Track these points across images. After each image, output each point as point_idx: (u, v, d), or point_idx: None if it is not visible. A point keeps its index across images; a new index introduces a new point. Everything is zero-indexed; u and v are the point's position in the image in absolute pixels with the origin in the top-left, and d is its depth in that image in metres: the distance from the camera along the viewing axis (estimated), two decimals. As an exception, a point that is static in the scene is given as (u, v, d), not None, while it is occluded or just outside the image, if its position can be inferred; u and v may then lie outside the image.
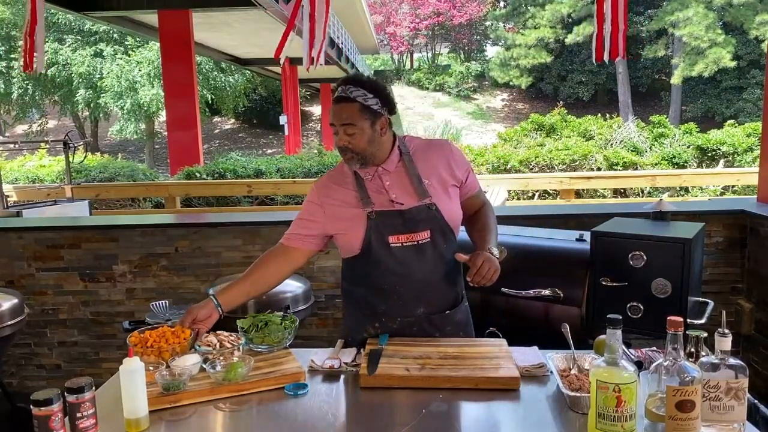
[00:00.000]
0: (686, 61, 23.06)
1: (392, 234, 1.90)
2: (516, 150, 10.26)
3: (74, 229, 3.60)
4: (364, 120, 1.86)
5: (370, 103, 1.86)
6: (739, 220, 3.43)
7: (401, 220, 1.90)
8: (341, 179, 1.98)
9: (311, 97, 31.41)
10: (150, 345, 1.74)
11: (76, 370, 3.62)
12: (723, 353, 1.35)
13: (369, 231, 1.90)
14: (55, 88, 21.99)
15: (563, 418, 1.50)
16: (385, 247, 1.90)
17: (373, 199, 1.92)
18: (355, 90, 1.85)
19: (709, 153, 9.73)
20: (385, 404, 1.62)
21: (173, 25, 10.18)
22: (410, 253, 1.91)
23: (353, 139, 1.86)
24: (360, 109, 1.85)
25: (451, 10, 31.90)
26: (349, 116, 1.85)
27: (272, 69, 20.48)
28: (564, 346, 1.76)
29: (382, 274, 1.93)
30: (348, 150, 1.87)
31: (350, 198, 1.94)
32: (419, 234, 1.91)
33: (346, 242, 1.96)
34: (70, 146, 6.44)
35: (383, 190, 1.92)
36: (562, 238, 2.74)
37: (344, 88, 1.86)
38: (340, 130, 1.87)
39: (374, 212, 1.90)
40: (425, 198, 1.91)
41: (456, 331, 2.01)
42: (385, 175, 1.94)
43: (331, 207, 1.96)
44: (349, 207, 1.93)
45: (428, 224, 1.91)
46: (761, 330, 3.30)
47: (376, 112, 1.87)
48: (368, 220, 1.90)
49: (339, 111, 1.86)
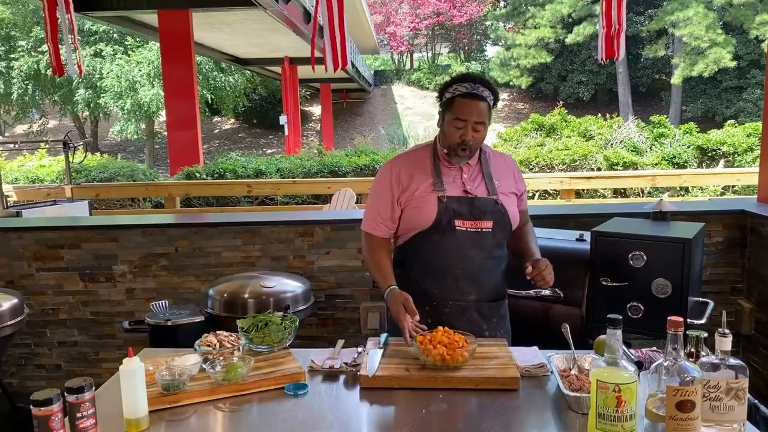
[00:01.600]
0: (686, 61, 23.05)
1: (459, 218, 2.04)
2: (516, 150, 10.27)
3: (74, 229, 3.60)
4: (488, 120, 2.04)
5: (491, 105, 2.04)
6: (739, 220, 3.43)
7: (469, 208, 2.05)
8: (418, 163, 2.12)
9: (311, 97, 31.39)
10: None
11: (76, 370, 3.61)
12: (723, 353, 1.35)
13: (440, 212, 2.03)
14: (54, 88, 21.96)
15: (563, 418, 1.50)
16: (451, 229, 2.04)
17: (446, 186, 2.06)
18: (485, 90, 2.01)
19: (709, 153, 9.73)
20: (385, 404, 1.62)
21: (173, 25, 10.17)
22: (472, 238, 2.05)
23: (478, 135, 2.02)
24: (488, 109, 2.03)
25: (451, 10, 31.88)
26: (482, 115, 2.00)
27: (272, 69, 20.44)
28: (564, 346, 1.77)
29: (442, 254, 2.05)
30: (469, 145, 2.01)
31: (427, 180, 2.08)
32: (483, 222, 2.06)
33: (417, 216, 2.07)
34: (70, 146, 6.44)
35: (459, 180, 2.08)
36: (562, 238, 2.75)
37: (475, 86, 2.00)
38: (470, 126, 1.99)
39: (446, 197, 2.04)
40: (494, 194, 2.08)
41: (499, 325, 2.13)
42: (466, 167, 2.10)
43: (408, 182, 2.08)
44: (424, 187, 2.07)
45: (492, 216, 2.07)
46: (761, 330, 3.30)
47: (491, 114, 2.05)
48: (439, 203, 2.03)
49: (474, 108, 1.99)
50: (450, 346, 1.72)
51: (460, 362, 1.70)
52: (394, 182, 2.10)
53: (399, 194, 2.09)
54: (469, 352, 1.73)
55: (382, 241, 2.15)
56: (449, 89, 2.04)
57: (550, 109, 14.11)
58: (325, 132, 26.06)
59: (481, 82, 2.02)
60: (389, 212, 2.11)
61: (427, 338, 1.77)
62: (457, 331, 1.82)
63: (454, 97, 2.01)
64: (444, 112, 2.07)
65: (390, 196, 2.10)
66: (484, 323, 2.09)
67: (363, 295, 3.47)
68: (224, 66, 21.48)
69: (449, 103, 2.03)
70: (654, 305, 2.39)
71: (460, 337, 1.79)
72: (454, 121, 2.00)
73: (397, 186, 2.09)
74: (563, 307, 2.47)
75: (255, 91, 27.61)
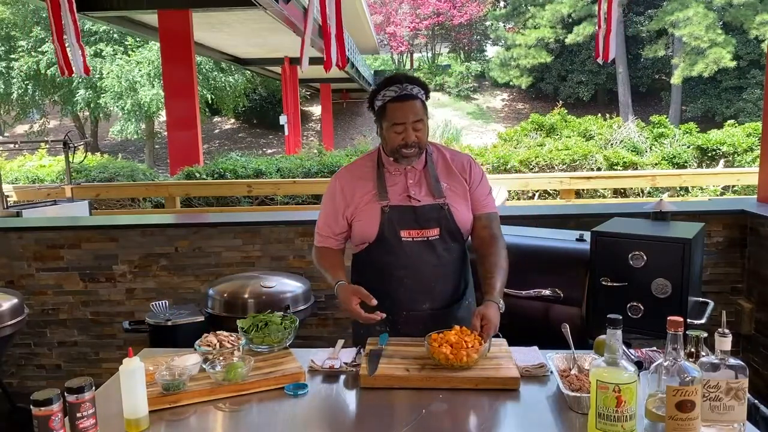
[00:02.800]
0: (686, 61, 23.04)
1: (404, 228, 2.01)
2: (516, 150, 10.25)
3: (74, 229, 3.60)
4: (425, 116, 1.99)
5: (424, 100, 1.99)
6: (739, 220, 3.43)
7: (414, 216, 2.01)
8: (361, 174, 2.09)
9: (311, 97, 31.38)
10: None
11: (76, 370, 3.62)
12: (723, 353, 1.35)
13: (383, 223, 2.01)
14: (55, 88, 21.96)
15: (563, 418, 1.50)
16: (397, 240, 2.01)
17: (390, 194, 2.03)
18: (414, 87, 1.97)
19: (709, 153, 9.72)
20: (385, 404, 1.62)
21: (173, 25, 10.17)
22: (420, 247, 2.02)
23: (420, 133, 1.97)
24: (422, 106, 1.98)
25: (451, 10, 31.87)
26: (417, 113, 1.96)
27: (272, 69, 20.44)
28: (564, 346, 1.77)
29: (392, 266, 2.02)
30: (416, 145, 1.97)
31: (369, 190, 2.04)
32: (429, 231, 2.01)
33: (361, 229, 2.05)
34: (70, 146, 6.44)
35: (404, 186, 2.03)
36: (562, 238, 2.74)
37: (403, 87, 1.96)
38: (410, 127, 1.95)
39: (388, 206, 2.01)
40: (440, 198, 2.02)
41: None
42: (411, 172, 2.05)
43: (351, 195, 2.06)
44: (367, 198, 2.04)
45: (438, 222, 2.02)
46: (761, 330, 3.30)
47: (427, 109, 2.01)
48: (382, 213, 2.00)
49: (408, 108, 1.95)
50: (455, 346, 1.72)
51: (465, 363, 1.69)
52: (338, 196, 2.07)
53: (344, 208, 2.06)
54: (479, 354, 1.72)
55: (334, 250, 2.14)
56: (378, 96, 1.99)
57: (550, 109, 14.10)
58: (325, 132, 26.05)
59: (407, 80, 1.98)
60: (336, 226, 2.09)
61: (439, 336, 1.77)
62: (474, 332, 1.79)
63: (386, 104, 1.97)
64: (380, 121, 2.01)
65: (335, 210, 2.08)
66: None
67: (363, 295, 3.47)
68: (224, 66, 21.48)
69: (382, 110, 1.98)
70: (654, 305, 2.39)
71: (474, 338, 1.76)
72: (393, 127, 1.95)
73: (342, 199, 2.06)
74: (563, 307, 2.47)
75: (255, 91, 27.60)
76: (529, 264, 2.53)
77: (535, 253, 2.60)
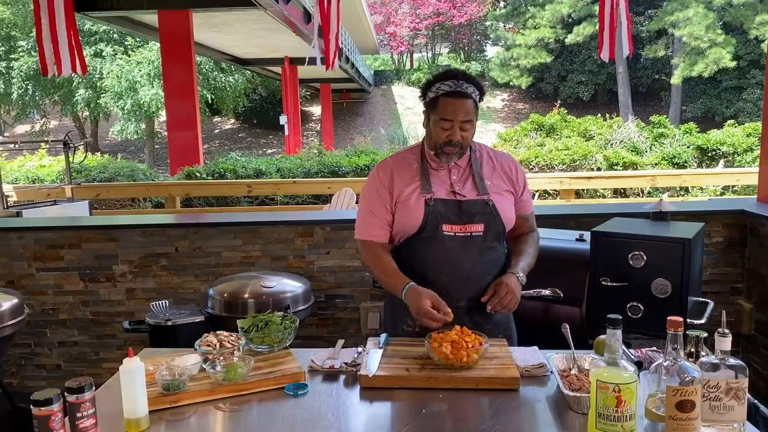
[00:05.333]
0: (686, 61, 23.05)
1: (447, 222, 1.97)
2: (516, 150, 10.26)
3: (74, 229, 3.60)
4: (475, 117, 1.95)
5: (477, 101, 1.95)
6: (739, 220, 3.43)
7: (458, 211, 1.97)
8: (405, 166, 2.05)
9: (311, 97, 31.39)
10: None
11: (76, 370, 3.61)
12: (723, 353, 1.35)
13: (427, 214, 1.96)
14: (55, 88, 21.98)
15: (563, 418, 1.50)
16: (438, 235, 1.96)
17: (434, 188, 1.99)
18: (469, 86, 1.93)
19: (709, 153, 9.73)
20: (385, 404, 1.62)
21: (173, 25, 10.18)
22: (461, 243, 1.97)
23: (467, 134, 1.94)
24: (474, 106, 1.94)
25: (451, 10, 31.89)
26: (468, 113, 1.92)
27: (272, 69, 20.45)
28: (564, 346, 1.76)
29: (431, 260, 1.98)
30: (458, 144, 1.94)
31: (413, 182, 2.01)
32: (473, 226, 1.98)
33: (404, 220, 2.00)
34: (70, 146, 6.45)
35: (448, 182, 2.00)
36: (562, 238, 2.75)
37: (459, 83, 1.92)
38: (457, 125, 1.92)
39: (433, 199, 1.97)
40: (484, 194, 2.00)
41: (496, 332, 2.00)
42: (455, 168, 2.02)
43: (396, 185, 2.02)
44: (411, 189, 2.00)
45: (483, 218, 1.99)
46: (761, 330, 3.30)
47: (478, 110, 1.97)
48: (426, 206, 1.97)
49: (459, 107, 1.91)
50: (455, 345, 1.72)
51: (464, 363, 1.69)
52: (381, 186, 2.03)
53: (388, 198, 2.02)
54: (479, 354, 1.72)
55: (382, 245, 2.06)
56: (432, 88, 1.95)
57: (550, 109, 14.11)
58: (325, 132, 26.06)
59: (465, 77, 1.94)
60: (383, 216, 2.03)
61: (439, 336, 1.77)
62: (474, 332, 1.78)
63: (438, 97, 1.93)
64: (428, 113, 1.98)
65: (380, 200, 2.03)
66: (477, 331, 2.00)
67: (363, 295, 3.47)
68: (224, 66, 21.50)
69: (433, 102, 1.94)
70: (654, 305, 2.39)
71: (475, 338, 1.76)
72: (440, 122, 1.92)
73: (385, 190, 2.02)
74: (563, 307, 2.47)
75: (255, 91, 27.61)
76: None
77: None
